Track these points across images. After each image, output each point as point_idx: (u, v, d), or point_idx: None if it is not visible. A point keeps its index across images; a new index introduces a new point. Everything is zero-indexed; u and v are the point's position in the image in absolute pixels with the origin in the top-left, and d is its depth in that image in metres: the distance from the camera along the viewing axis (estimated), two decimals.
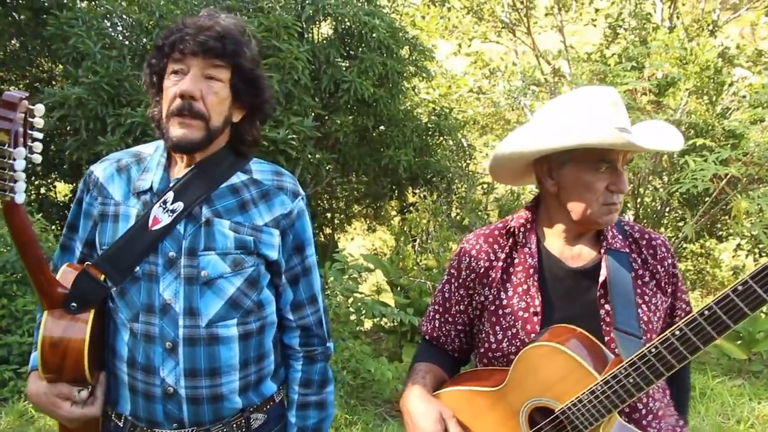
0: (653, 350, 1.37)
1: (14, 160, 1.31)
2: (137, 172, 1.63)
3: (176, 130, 1.51)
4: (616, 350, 1.50)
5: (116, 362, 1.58)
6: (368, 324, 6.08)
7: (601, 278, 1.59)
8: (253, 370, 1.63)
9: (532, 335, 1.59)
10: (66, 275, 1.54)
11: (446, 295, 1.79)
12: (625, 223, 1.72)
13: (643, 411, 1.55)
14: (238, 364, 1.59)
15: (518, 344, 1.61)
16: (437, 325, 1.82)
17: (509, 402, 1.54)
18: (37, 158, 1.37)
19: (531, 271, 1.65)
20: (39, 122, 1.36)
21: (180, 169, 1.61)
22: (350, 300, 4.86)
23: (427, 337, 1.86)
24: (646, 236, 1.69)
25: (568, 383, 1.46)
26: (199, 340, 1.54)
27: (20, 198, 1.35)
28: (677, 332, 1.34)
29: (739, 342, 5.62)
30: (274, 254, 1.62)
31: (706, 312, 1.32)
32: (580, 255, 1.66)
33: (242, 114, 1.63)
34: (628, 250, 1.64)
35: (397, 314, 4.83)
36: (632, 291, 1.58)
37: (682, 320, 1.35)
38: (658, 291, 1.64)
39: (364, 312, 4.87)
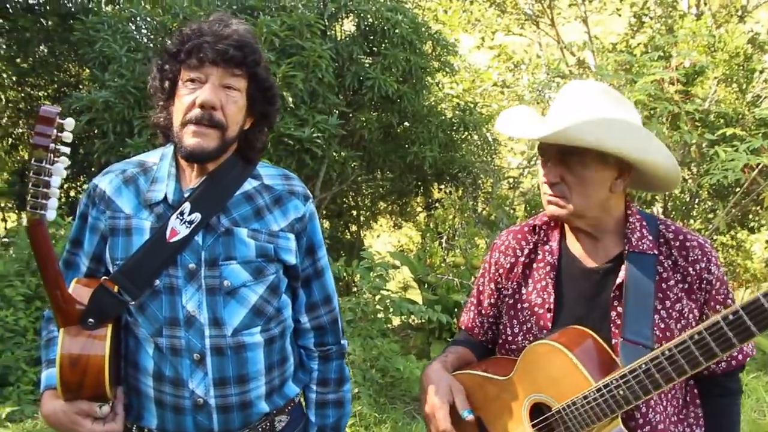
0: (644, 366, 1.37)
1: (51, 176, 1.30)
2: (145, 182, 1.60)
3: (191, 139, 1.49)
4: (619, 359, 1.49)
5: (140, 377, 1.57)
6: (396, 322, 6.07)
7: (618, 280, 1.56)
8: (276, 374, 1.65)
9: (544, 331, 1.63)
10: (78, 291, 1.51)
11: (480, 288, 1.85)
12: (662, 222, 1.64)
13: (641, 421, 1.52)
14: (264, 369, 1.60)
15: (531, 339, 1.65)
16: (472, 317, 1.87)
17: (514, 393, 1.59)
18: (63, 173, 1.35)
19: (549, 268, 1.66)
20: (68, 137, 1.34)
21: (191, 179, 1.58)
22: (377, 298, 4.86)
23: (463, 327, 1.91)
24: (681, 237, 1.60)
25: (565, 384, 1.49)
26: (226, 349, 1.54)
27: (51, 215, 1.34)
28: (667, 352, 1.34)
29: None
30: (292, 259, 1.62)
31: (696, 336, 1.30)
32: (600, 254, 1.63)
33: (252, 121, 1.62)
34: (656, 252, 1.58)
35: (425, 312, 4.83)
36: (652, 296, 1.53)
37: (674, 340, 1.33)
38: (685, 297, 1.55)
39: (391, 310, 4.87)
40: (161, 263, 1.52)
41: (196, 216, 1.52)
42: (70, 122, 1.33)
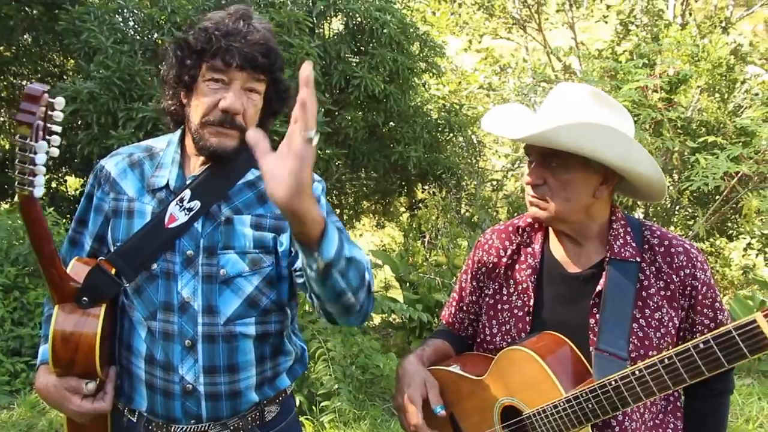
0: (613, 383, 1.38)
1: (35, 153, 1.31)
2: (150, 167, 1.62)
3: (213, 139, 1.51)
4: (592, 369, 1.49)
5: (133, 359, 1.58)
6: (377, 320, 6.08)
7: (598, 288, 1.55)
8: (269, 366, 1.65)
9: (523, 334, 1.63)
10: (76, 269, 1.54)
11: (462, 285, 1.85)
12: (647, 228, 1.62)
13: (617, 429, 1.52)
14: (255, 361, 1.61)
15: (509, 340, 1.66)
16: (453, 312, 1.88)
17: (487, 394, 1.60)
18: (55, 151, 1.36)
19: (530, 271, 1.66)
20: (59, 116, 1.35)
21: (195, 166, 1.60)
22: None
23: (444, 322, 1.92)
24: (666, 243, 1.58)
25: (536, 392, 1.49)
26: (217, 338, 1.55)
27: (39, 192, 1.35)
28: (637, 372, 1.35)
29: None
30: (286, 242, 1.60)
31: (666, 360, 1.32)
32: (581, 260, 1.62)
33: (263, 116, 1.63)
34: (638, 259, 1.56)
35: (406, 310, 4.84)
36: (631, 305, 1.52)
37: (646, 361, 1.35)
38: (666, 305, 1.54)
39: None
40: (158, 248, 1.53)
41: (196, 203, 1.54)
42: (60, 101, 1.34)
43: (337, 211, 7.65)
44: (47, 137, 1.34)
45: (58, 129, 1.36)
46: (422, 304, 5.11)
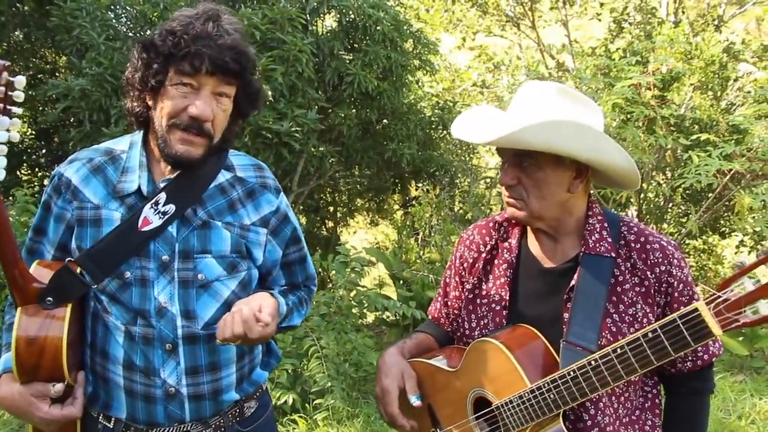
0: (571, 373, 1.42)
1: None
2: (115, 172, 1.56)
3: (179, 146, 1.47)
4: (560, 361, 1.51)
5: (109, 366, 1.55)
6: (370, 318, 6.08)
7: (571, 283, 1.57)
8: (246, 361, 1.66)
9: (499, 328, 1.65)
10: (38, 272, 1.48)
11: (447, 280, 1.88)
12: (625, 224, 1.63)
13: (588, 423, 1.53)
14: (235, 357, 1.61)
15: (486, 334, 1.67)
16: (438, 307, 1.91)
17: (460, 385, 1.64)
18: (15, 136, 1.29)
19: (506, 265, 1.69)
20: (19, 95, 1.28)
21: (164, 169, 1.56)
22: (353, 293, 4.86)
23: (430, 317, 1.95)
24: (642, 239, 1.59)
25: (503, 383, 1.53)
26: (198, 338, 1.54)
27: (0, 175, 1.28)
28: (593, 362, 1.40)
29: (741, 338, 5.61)
30: (260, 254, 1.61)
31: (618, 349, 1.37)
32: (557, 255, 1.64)
33: (231, 120, 1.60)
34: (613, 254, 1.57)
35: (400, 308, 4.84)
36: (604, 300, 1.53)
37: (600, 351, 1.40)
38: (641, 301, 1.55)
39: (366, 305, 4.87)
40: (130, 250, 1.49)
41: (171, 207, 1.50)
42: (20, 80, 1.28)
43: (331, 208, 7.64)
44: (9, 117, 1.27)
45: (19, 111, 1.29)
46: (416, 302, 5.12)
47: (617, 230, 1.61)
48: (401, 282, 6.12)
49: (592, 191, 1.67)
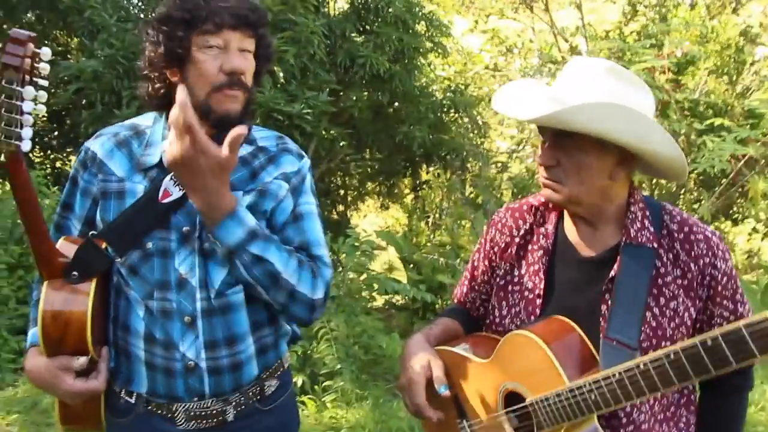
0: (617, 375, 1.31)
1: (22, 101, 1.25)
2: (139, 146, 1.58)
3: (225, 105, 1.49)
4: (599, 357, 1.43)
5: (131, 339, 1.56)
6: (380, 301, 6.09)
7: (611, 274, 1.48)
8: (267, 332, 1.64)
9: (532, 317, 1.57)
10: (64, 247, 1.49)
11: (475, 263, 1.79)
12: (667, 212, 1.53)
13: (624, 420, 1.46)
14: (250, 328, 1.60)
15: (518, 323, 1.60)
16: (465, 291, 1.82)
17: (491, 378, 1.55)
18: (41, 108, 1.30)
19: (542, 252, 1.60)
20: (45, 67, 1.29)
21: None
22: (363, 276, 4.87)
23: (456, 301, 1.87)
24: (686, 229, 1.49)
25: (539, 379, 1.44)
26: (214, 311, 1.54)
27: (26, 146, 1.29)
28: (642, 365, 1.27)
29: None
30: (272, 204, 1.59)
31: (672, 355, 1.23)
32: (596, 243, 1.54)
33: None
34: (656, 245, 1.48)
35: (410, 291, 4.84)
36: (645, 292, 1.45)
37: (650, 355, 1.27)
38: (683, 294, 1.46)
39: (376, 288, 4.88)
40: (152, 222, 1.51)
41: None
42: (46, 51, 1.29)
43: (342, 192, 7.64)
44: (35, 88, 1.28)
45: (45, 83, 1.30)
46: (426, 285, 5.12)
47: (659, 219, 1.52)
48: (411, 265, 6.12)
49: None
